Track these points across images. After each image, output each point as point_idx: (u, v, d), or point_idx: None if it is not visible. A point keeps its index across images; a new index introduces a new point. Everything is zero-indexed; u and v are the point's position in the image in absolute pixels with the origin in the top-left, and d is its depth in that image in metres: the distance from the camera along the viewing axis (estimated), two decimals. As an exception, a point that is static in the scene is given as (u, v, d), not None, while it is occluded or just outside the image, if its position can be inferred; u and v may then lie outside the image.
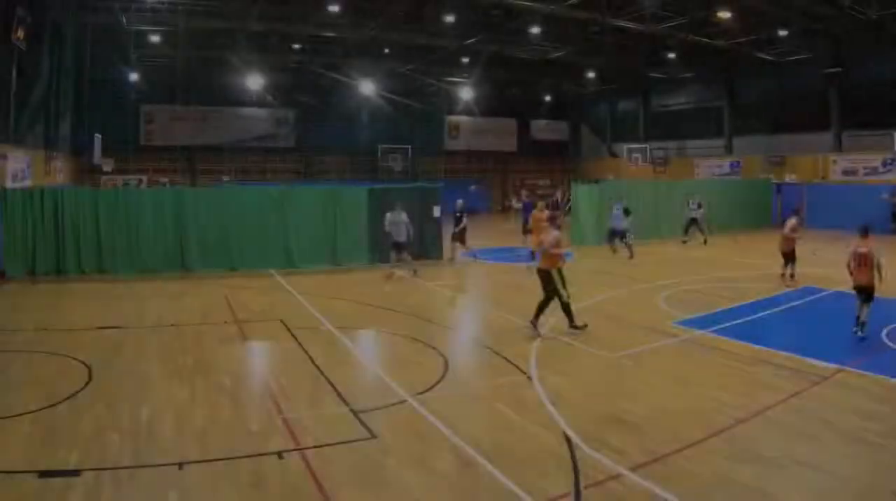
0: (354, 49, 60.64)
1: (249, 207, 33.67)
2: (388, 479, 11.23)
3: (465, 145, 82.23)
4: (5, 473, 11.14)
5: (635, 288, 28.44)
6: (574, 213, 43.86)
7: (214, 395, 15.18)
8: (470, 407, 14.51)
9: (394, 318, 23.14)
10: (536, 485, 10.78)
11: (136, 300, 25.58)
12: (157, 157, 68.66)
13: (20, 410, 14.00)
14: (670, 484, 10.70)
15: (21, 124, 41.11)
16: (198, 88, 66.62)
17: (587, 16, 48.96)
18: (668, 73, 67.49)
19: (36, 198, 31.42)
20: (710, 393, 15.07)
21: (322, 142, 73.46)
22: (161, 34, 54.40)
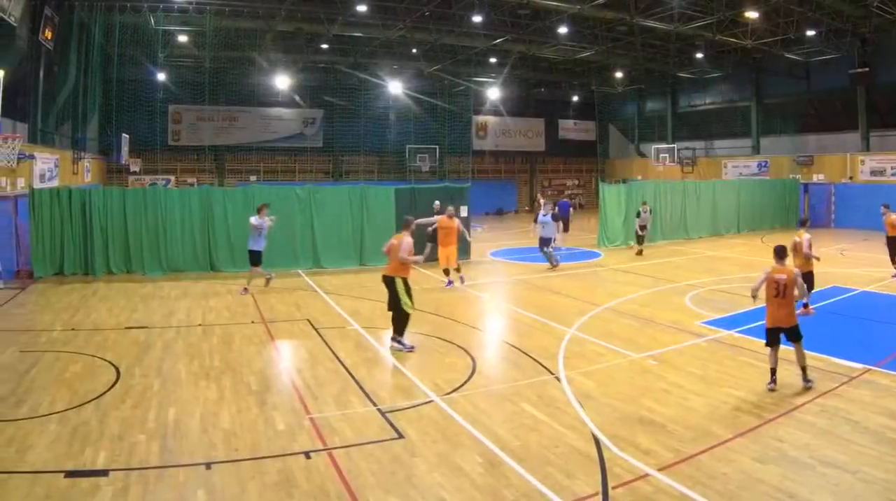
0: (382, 49, 61.19)
1: (276, 207, 32.84)
2: (415, 479, 11.21)
3: (493, 145, 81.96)
4: (33, 473, 11.19)
5: (661, 289, 28.40)
6: (601, 214, 43.69)
7: (242, 395, 15.22)
8: (497, 408, 14.42)
9: (421, 318, 22.81)
10: (564, 485, 10.81)
11: (164, 300, 25.64)
12: (184, 157, 68.89)
13: (47, 410, 14.08)
14: (697, 484, 10.74)
15: (48, 124, 41.43)
16: (225, 88, 66.49)
17: (615, 15, 49.02)
18: (696, 73, 67.63)
19: (64, 198, 31.43)
20: (737, 393, 15.06)
21: (350, 143, 73.19)
22: (189, 34, 54.86)
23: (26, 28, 35.12)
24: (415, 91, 70.75)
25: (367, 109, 72.37)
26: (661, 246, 43.52)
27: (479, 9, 48.66)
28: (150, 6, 46.29)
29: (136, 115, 59.43)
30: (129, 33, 49.84)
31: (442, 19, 52.16)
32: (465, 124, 77.35)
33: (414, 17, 50.02)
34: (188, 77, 64.75)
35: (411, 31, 53.33)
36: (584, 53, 60.86)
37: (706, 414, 13.87)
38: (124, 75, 57.18)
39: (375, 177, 73.22)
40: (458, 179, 66.10)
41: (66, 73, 43.99)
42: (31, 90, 38.56)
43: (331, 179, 71.32)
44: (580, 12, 47.33)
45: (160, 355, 18.37)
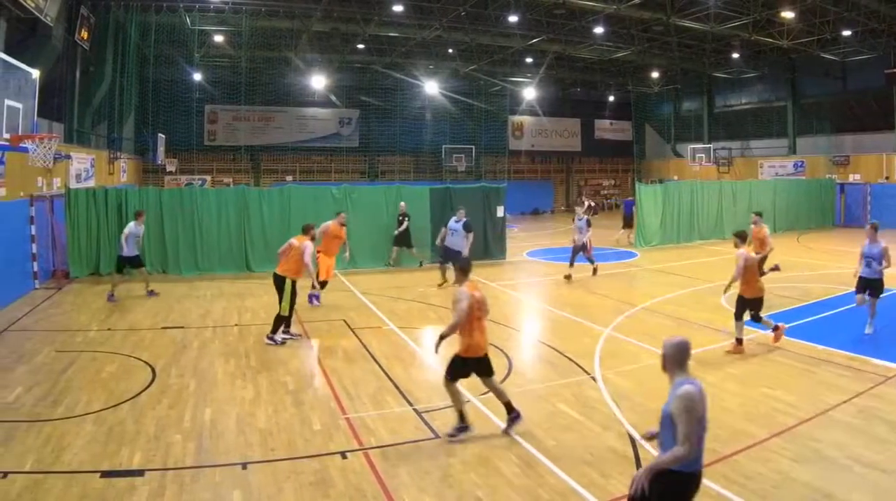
0: (418, 49, 61.13)
1: (312, 207, 33.45)
2: (451, 479, 11.26)
3: (529, 145, 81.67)
4: (69, 473, 11.26)
5: (697, 289, 28.38)
6: (637, 214, 43.54)
7: (278, 395, 15.29)
8: (533, 407, 14.36)
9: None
10: (599, 485, 10.84)
11: (200, 300, 25.74)
12: (220, 157, 69.29)
13: (83, 410, 14.18)
14: (733, 484, 10.72)
15: (84, 124, 41.67)
16: (261, 88, 66.96)
17: (651, 15, 48.90)
18: (732, 73, 67.27)
19: (100, 198, 31.58)
20: (773, 393, 15.00)
21: (385, 142, 73.36)
22: (225, 34, 55.19)
23: (62, 28, 35.22)
24: (451, 91, 70.80)
25: (403, 109, 72.53)
26: (697, 245, 43.49)
27: (515, 9, 48.69)
28: (186, 6, 46.55)
29: (172, 115, 59.73)
30: (165, 33, 50.12)
31: (478, 19, 52.16)
32: (501, 124, 77.20)
33: (450, 17, 50.09)
34: (224, 77, 65.10)
35: (447, 31, 53.26)
36: (620, 53, 60.68)
37: (742, 413, 13.81)
38: (160, 75, 57.51)
39: (411, 177, 73.11)
40: (494, 179, 66.17)
41: (102, 73, 44.21)
42: (67, 90, 38.76)
43: (367, 179, 71.34)
44: (616, 12, 47.20)
45: (196, 355, 18.46)
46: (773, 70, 65.17)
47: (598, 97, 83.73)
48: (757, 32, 51.62)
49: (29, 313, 23.74)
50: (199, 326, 21.94)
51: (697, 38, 58.47)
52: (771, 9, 46.94)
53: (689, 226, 45.04)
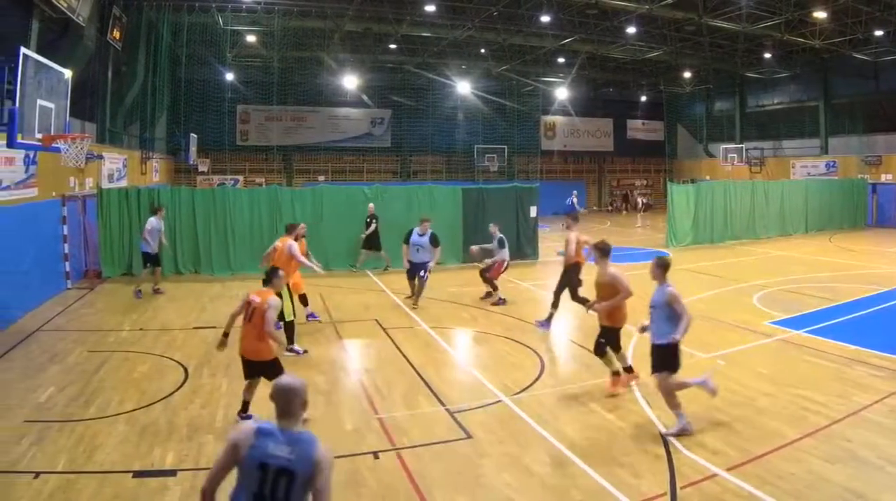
0: (450, 49, 61.35)
1: (344, 207, 33.83)
2: (483, 479, 11.26)
3: (561, 145, 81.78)
4: (101, 473, 11.33)
5: (730, 289, 28.19)
6: (669, 214, 43.50)
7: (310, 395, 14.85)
8: (565, 408, 14.42)
9: (488, 318, 23.30)
10: (632, 485, 10.80)
11: (232, 300, 25.55)
12: (252, 157, 69.79)
13: (116, 410, 14.28)
14: (765, 484, 10.67)
15: (117, 124, 41.95)
16: (293, 88, 67.41)
17: (683, 15, 48.92)
18: (764, 73, 67.04)
19: (132, 198, 31.72)
20: (805, 393, 14.90)
21: (418, 142, 73.79)
22: (257, 34, 55.56)
23: (94, 28, 35.33)
24: (483, 91, 70.89)
25: (435, 109, 72.99)
26: (729, 245, 43.31)
27: (548, 9, 48.82)
28: (219, 6, 46.97)
29: (204, 115, 60.36)
30: (198, 33, 50.59)
31: (510, 19, 52.12)
32: (533, 124, 77.18)
33: (482, 17, 50.20)
34: (256, 77, 65.77)
35: (480, 31, 53.52)
36: (653, 53, 60.77)
37: (774, 413, 13.75)
38: (192, 75, 58.39)
39: (443, 177, 73.24)
40: (526, 180, 65.99)
41: (134, 74, 44.51)
42: (99, 90, 38.99)
43: (399, 179, 71.37)
44: (649, 12, 47.27)
45: (228, 355, 18.18)
46: (805, 70, 64.83)
47: (630, 97, 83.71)
48: (789, 32, 51.50)
49: (61, 313, 23.90)
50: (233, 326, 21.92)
51: (730, 38, 58.30)
52: (803, 9, 46.82)
53: (721, 226, 44.91)
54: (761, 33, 52.71)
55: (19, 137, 16.14)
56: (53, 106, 18.41)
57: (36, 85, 17.29)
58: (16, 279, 22.58)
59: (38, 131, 17.43)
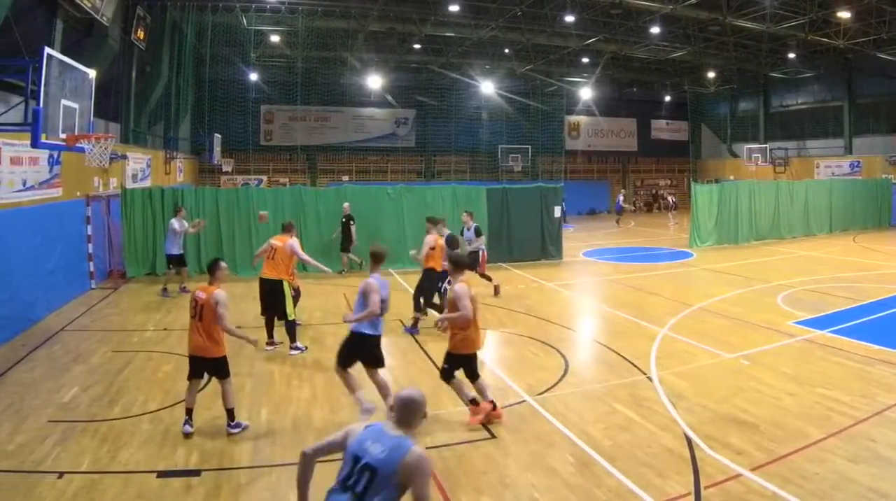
0: (474, 49, 61.37)
1: (367, 207, 33.88)
2: (508, 479, 11.26)
3: (586, 145, 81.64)
4: (125, 473, 11.39)
5: (754, 289, 28.01)
6: (693, 214, 43.35)
7: (334, 395, 15.39)
8: (589, 408, 14.41)
9: (513, 318, 23.22)
10: (656, 485, 10.81)
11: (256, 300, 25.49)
12: (276, 157, 69.95)
13: (140, 410, 14.37)
14: (789, 484, 10.67)
15: (141, 124, 42.12)
16: (317, 88, 67.36)
17: (707, 15, 48.75)
18: (788, 73, 66.77)
19: (156, 198, 31.78)
20: (829, 393, 14.85)
21: (442, 142, 73.85)
22: (281, 34, 55.79)
23: (118, 28, 35.58)
24: (507, 91, 70.98)
25: (459, 109, 73.06)
26: (753, 246, 43.13)
27: (572, 9, 48.76)
28: (243, 6, 47.11)
29: (228, 115, 60.80)
30: (222, 33, 50.99)
31: (534, 19, 52.09)
32: (557, 124, 77.06)
33: (506, 16, 50.11)
34: (280, 77, 65.91)
35: (504, 30, 53.49)
36: (677, 53, 60.64)
37: (798, 413, 13.70)
38: (216, 75, 58.67)
39: (467, 177, 73.33)
40: (550, 179, 66.10)
41: (158, 73, 44.64)
42: (123, 90, 39.23)
43: (423, 179, 71.55)
44: (672, 12, 47.16)
45: (252, 355, 18.55)
46: (829, 70, 64.61)
47: (654, 97, 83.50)
48: (813, 32, 51.30)
49: (85, 313, 23.98)
50: (256, 326, 21.56)
51: (754, 38, 58.16)
52: (827, 9, 46.65)
53: (746, 226, 44.73)
54: (785, 33, 52.52)
55: (43, 137, 16.18)
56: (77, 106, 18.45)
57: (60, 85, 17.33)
58: (40, 278, 22.69)
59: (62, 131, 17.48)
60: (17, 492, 10.69)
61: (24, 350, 19.08)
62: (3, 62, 22.04)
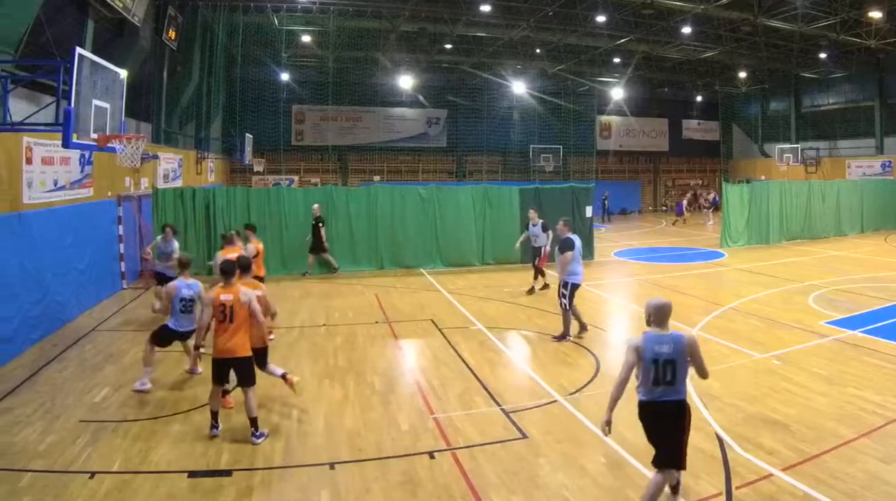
0: (505, 49, 61.23)
1: (399, 207, 33.95)
2: (539, 480, 11.27)
3: (617, 145, 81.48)
4: (157, 473, 11.47)
5: (785, 289, 27.92)
6: (724, 214, 43.24)
7: (366, 395, 15.41)
8: (621, 407, 13.88)
9: (544, 318, 23.16)
10: (688, 485, 10.79)
11: (287, 300, 25.80)
12: (307, 157, 70.30)
13: (171, 410, 14.46)
14: (821, 484, 10.65)
15: (172, 124, 42.40)
16: (348, 88, 67.41)
17: (738, 15, 48.53)
18: (819, 73, 66.54)
19: (187, 197, 31.88)
20: (861, 393, 14.80)
21: (473, 142, 73.71)
22: (312, 34, 55.90)
23: (150, 28, 35.73)
24: (538, 91, 70.93)
25: (490, 109, 72.76)
26: (785, 246, 43.00)
27: (603, 9, 48.57)
28: (274, 6, 47.23)
29: (259, 115, 60.78)
30: (253, 33, 51.09)
31: (566, 19, 51.91)
32: (588, 124, 76.80)
33: (537, 17, 49.97)
34: (311, 77, 65.96)
35: (535, 31, 53.28)
36: (708, 53, 60.28)
37: (830, 414, 13.64)
38: (248, 75, 59.15)
39: (499, 177, 73.40)
40: (581, 180, 65.82)
41: (189, 73, 44.86)
42: (154, 90, 39.44)
43: (454, 179, 71.66)
44: (704, 12, 46.98)
45: (284, 355, 18.60)
46: (860, 70, 64.12)
47: (685, 97, 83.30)
48: (844, 32, 50.94)
49: (117, 313, 24.13)
50: (287, 326, 22.09)
51: (785, 38, 57.83)
52: (858, 9, 46.33)
53: (777, 226, 44.63)
54: (816, 33, 52.16)
55: (75, 137, 16.22)
56: (109, 106, 18.49)
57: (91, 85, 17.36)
58: (72, 279, 22.82)
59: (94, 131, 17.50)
60: (48, 492, 10.74)
61: (56, 350, 19.20)
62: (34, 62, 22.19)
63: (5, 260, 18.29)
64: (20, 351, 18.55)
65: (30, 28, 21.49)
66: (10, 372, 17.07)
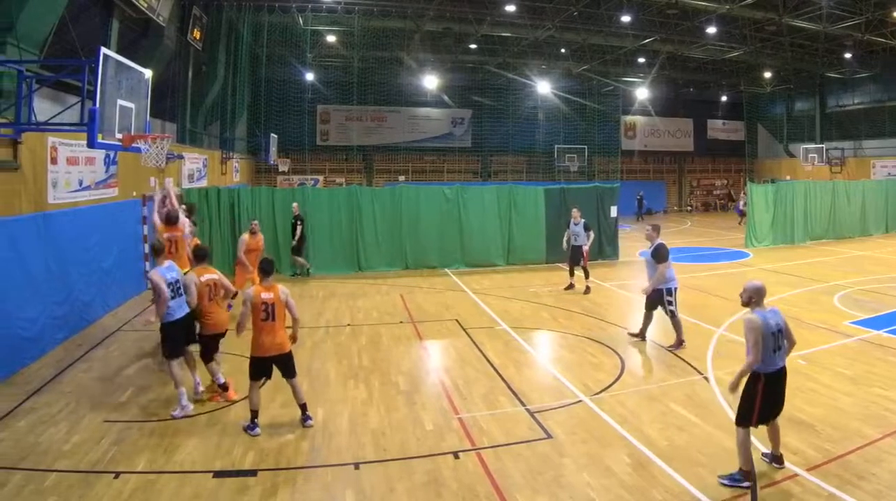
0: (530, 49, 61.29)
1: (424, 207, 33.96)
2: (564, 479, 11.27)
3: (642, 145, 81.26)
4: (181, 473, 11.52)
5: (810, 289, 27.82)
6: (749, 214, 43.17)
7: (390, 395, 15.42)
8: (646, 408, 14.40)
9: (569, 318, 23.21)
10: (712, 485, 10.83)
11: (312, 300, 25.91)
12: (332, 157, 70.55)
13: (196, 410, 14.51)
14: (846, 484, 10.64)
15: (197, 124, 42.62)
16: (373, 88, 67.70)
17: (763, 15, 48.44)
18: (845, 73, 66.07)
19: (212, 197, 31.93)
20: (887, 393, 14.76)
21: (498, 142, 73.78)
22: (337, 34, 56.05)
23: (175, 28, 36.04)
24: (563, 91, 70.75)
25: (515, 109, 73.01)
26: (809, 246, 42.82)
27: (628, 9, 48.70)
28: (299, 6, 47.37)
29: (284, 115, 60.89)
30: (278, 33, 51.40)
31: (590, 19, 52.07)
32: (613, 124, 76.70)
33: (562, 17, 50.07)
34: (336, 77, 66.50)
35: (560, 31, 53.27)
36: (733, 53, 60.15)
37: (855, 414, 13.60)
38: (273, 75, 59.43)
39: (524, 177, 73.47)
40: (606, 180, 66.06)
41: (214, 73, 45.09)
42: (179, 90, 39.72)
43: (479, 179, 71.75)
44: (729, 12, 46.92)
45: (309, 355, 18.67)
46: (885, 70, 63.56)
47: (710, 97, 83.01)
48: (869, 32, 50.81)
49: (141, 313, 23.88)
50: (312, 326, 22.13)
51: (810, 38, 57.70)
52: (883, 9, 46.10)
53: (801, 227, 44.44)
54: (841, 33, 52.04)
55: (100, 137, 16.25)
56: (134, 106, 18.54)
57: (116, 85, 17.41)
58: (97, 279, 22.88)
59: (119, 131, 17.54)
60: (73, 492, 10.80)
61: (81, 350, 19.29)
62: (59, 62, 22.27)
63: (30, 260, 18.35)
64: (45, 351, 18.62)
65: (55, 28, 21.60)
66: (35, 372, 17.16)
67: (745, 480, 10.79)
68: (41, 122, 18.03)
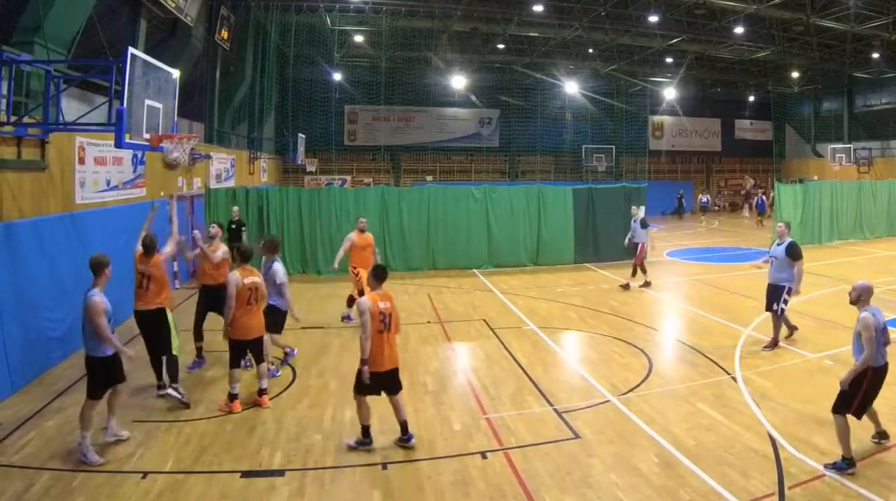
0: (558, 49, 61.23)
1: (452, 207, 33.96)
2: (591, 479, 11.29)
3: (669, 145, 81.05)
4: (209, 473, 11.60)
5: (838, 289, 27.52)
6: (776, 214, 42.36)
7: (418, 395, 15.46)
8: (673, 408, 14.42)
9: (597, 318, 23.21)
10: (740, 485, 10.82)
11: (340, 300, 25.72)
12: (360, 157, 70.55)
13: (224, 410, 14.49)
14: (874, 485, 10.66)
15: (224, 124, 42.75)
16: (401, 88, 67.52)
17: (791, 15, 48.13)
18: (872, 73, 65.63)
19: (240, 197, 31.91)
20: (916, 393, 14.60)
21: (526, 142, 73.29)
22: (364, 34, 56.27)
23: (202, 28, 36.32)
24: (591, 91, 70.77)
25: (543, 109, 72.63)
26: (837, 246, 42.67)
27: (656, 9, 48.59)
28: (327, 6, 47.50)
29: (311, 115, 61.18)
30: (306, 33, 51.65)
31: (618, 19, 51.87)
32: (641, 124, 76.37)
33: (590, 17, 50.03)
34: (364, 77, 66.25)
35: (587, 30, 53.19)
36: (761, 53, 59.86)
37: (884, 414, 13.28)
38: (300, 75, 59.50)
39: (551, 177, 73.17)
40: (634, 180, 65.81)
41: (242, 73, 45.35)
42: (207, 90, 39.89)
43: (507, 179, 71.59)
44: (756, 12, 46.66)
45: (337, 355, 18.73)
46: (914, 70, 63.52)
47: (738, 97, 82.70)
48: (898, 32, 50.46)
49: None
50: (340, 326, 22.30)
51: (838, 38, 57.46)
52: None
53: (828, 226, 44.28)
54: (869, 33, 51.56)
55: (127, 137, 16.26)
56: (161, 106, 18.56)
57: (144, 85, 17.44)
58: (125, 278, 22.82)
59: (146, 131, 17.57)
60: (101, 492, 10.88)
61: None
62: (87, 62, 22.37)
63: (58, 260, 18.45)
64: (73, 351, 18.65)
65: (83, 28, 21.70)
66: (63, 372, 17.34)
67: (850, 467, 11.00)
68: (69, 122, 18.08)
